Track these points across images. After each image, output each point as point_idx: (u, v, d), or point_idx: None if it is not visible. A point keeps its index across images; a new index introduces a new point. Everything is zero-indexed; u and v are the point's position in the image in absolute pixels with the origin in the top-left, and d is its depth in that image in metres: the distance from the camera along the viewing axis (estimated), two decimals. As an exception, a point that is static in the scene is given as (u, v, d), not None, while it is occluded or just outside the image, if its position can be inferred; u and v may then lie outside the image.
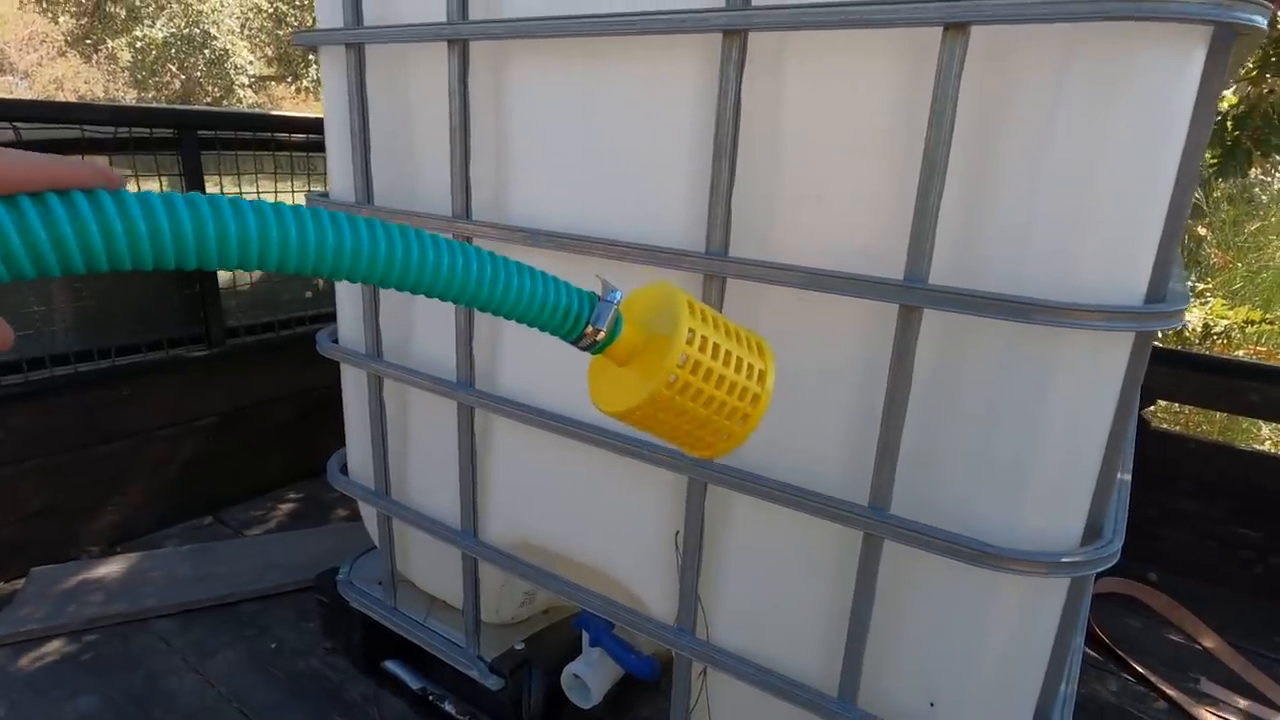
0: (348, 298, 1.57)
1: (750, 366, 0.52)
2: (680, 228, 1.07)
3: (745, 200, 1.00)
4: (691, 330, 0.49)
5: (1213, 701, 1.86)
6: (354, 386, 1.62)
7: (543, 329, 0.49)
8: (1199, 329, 3.96)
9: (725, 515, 1.14)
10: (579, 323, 0.49)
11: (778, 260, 0.97)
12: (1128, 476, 1.13)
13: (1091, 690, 1.89)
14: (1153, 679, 1.89)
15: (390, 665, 1.76)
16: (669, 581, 1.22)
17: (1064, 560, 0.90)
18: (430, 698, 1.68)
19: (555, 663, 1.51)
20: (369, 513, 1.70)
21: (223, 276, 2.47)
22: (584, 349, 0.51)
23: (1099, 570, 0.91)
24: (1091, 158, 0.80)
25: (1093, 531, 0.94)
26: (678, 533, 1.16)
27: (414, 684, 1.72)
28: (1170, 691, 1.85)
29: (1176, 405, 4.59)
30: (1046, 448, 0.89)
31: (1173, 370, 2.32)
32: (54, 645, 1.83)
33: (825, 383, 1.01)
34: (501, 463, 1.42)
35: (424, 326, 1.44)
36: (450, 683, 1.67)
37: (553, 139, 1.18)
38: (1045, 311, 0.81)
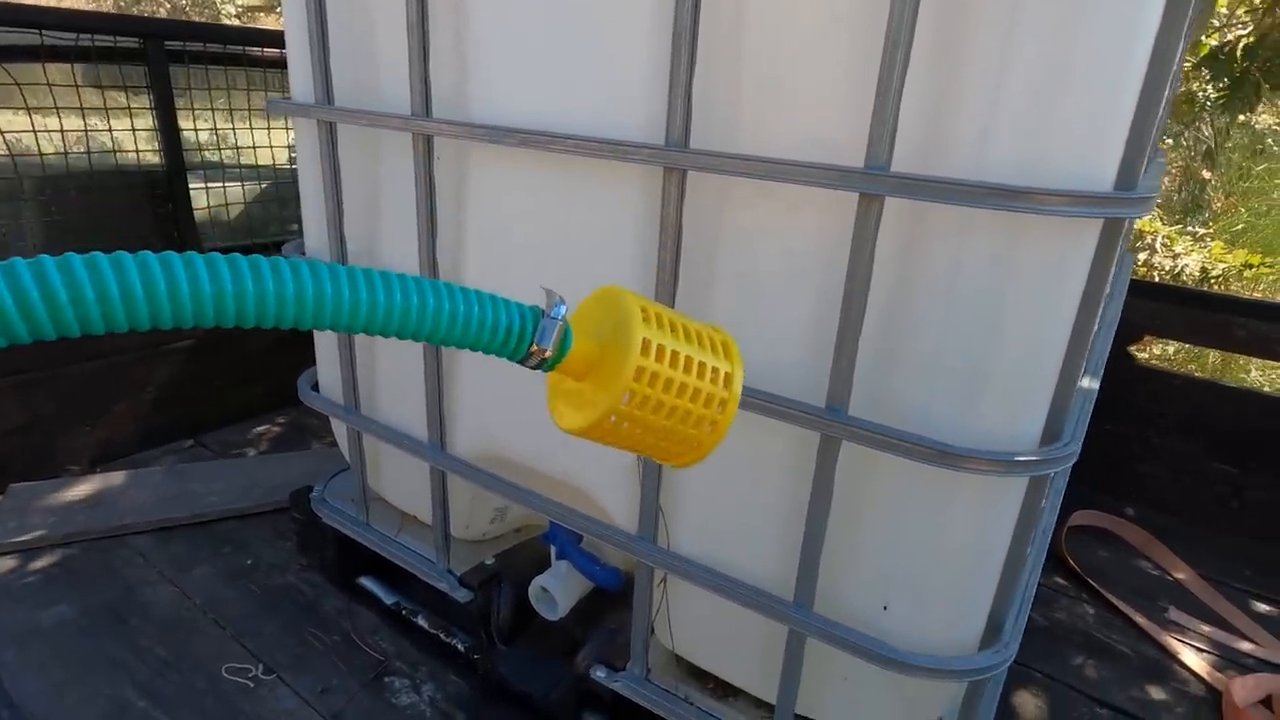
0: (312, 210, 1.53)
1: (714, 370, 0.49)
2: (641, 122, 1.02)
3: (709, 93, 0.95)
4: (646, 340, 0.46)
5: (1180, 629, 1.88)
6: (322, 301, 1.59)
7: (485, 352, 0.47)
8: (1196, 273, 3.91)
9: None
10: (523, 341, 0.47)
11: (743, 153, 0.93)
12: (1094, 384, 1.10)
13: (1061, 617, 1.91)
14: (1122, 606, 1.91)
15: (364, 581, 1.78)
16: (632, 492, 1.21)
17: (1020, 459, 0.88)
18: (404, 612, 1.70)
19: (524, 577, 1.52)
20: (340, 429, 1.70)
21: (197, 199, 2.41)
22: (534, 368, 0.48)
23: (1055, 470, 0.90)
24: (1059, 40, 0.76)
25: (1051, 433, 0.92)
26: (638, 440, 1.15)
27: (387, 599, 1.73)
28: (1138, 619, 1.87)
29: (1173, 349, 4.57)
30: (1005, 345, 0.87)
31: (1159, 305, 2.29)
32: (31, 558, 1.84)
33: (787, 284, 0.98)
34: (469, 374, 1.40)
35: (389, 232, 1.41)
36: (424, 599, 1.69)
37: (513, 31, 1.12)
38: (1007, 196, 0.78)
